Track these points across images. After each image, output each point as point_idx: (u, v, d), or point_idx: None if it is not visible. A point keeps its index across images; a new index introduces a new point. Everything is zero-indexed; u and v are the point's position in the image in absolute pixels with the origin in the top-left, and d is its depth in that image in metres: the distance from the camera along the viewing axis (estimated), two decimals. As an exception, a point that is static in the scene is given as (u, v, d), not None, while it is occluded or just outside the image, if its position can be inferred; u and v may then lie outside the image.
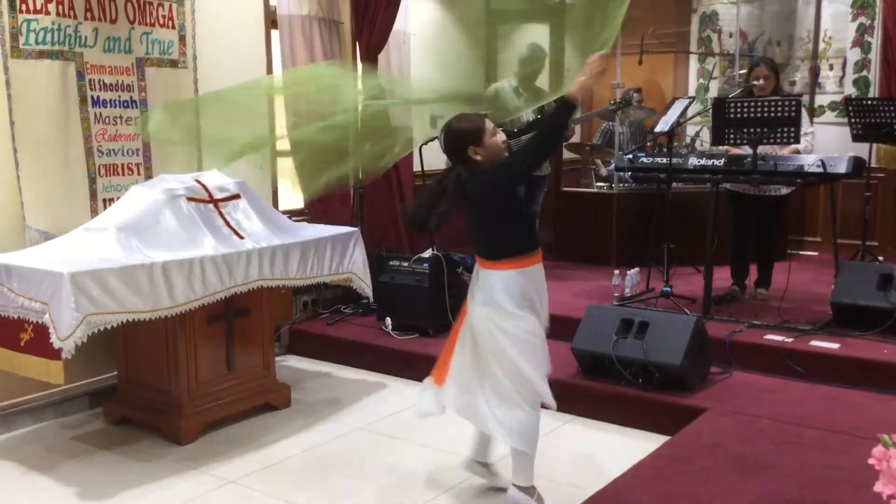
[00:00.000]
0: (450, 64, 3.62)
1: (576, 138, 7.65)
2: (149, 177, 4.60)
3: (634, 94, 7.34)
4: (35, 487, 3.58)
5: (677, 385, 4.10)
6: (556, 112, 3.09)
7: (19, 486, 3.60)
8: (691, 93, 8.05)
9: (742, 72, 6.76)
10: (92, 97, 4.37)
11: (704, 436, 3.63)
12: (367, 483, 3.58)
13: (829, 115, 7.42)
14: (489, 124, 3.08)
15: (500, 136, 3.10)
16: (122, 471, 3.71)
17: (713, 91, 8.00)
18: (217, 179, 4.30)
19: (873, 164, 5.89)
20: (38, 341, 3.46)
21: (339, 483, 3.60)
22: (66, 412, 4.39)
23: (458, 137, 3.07)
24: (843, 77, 7.39)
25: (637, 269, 5.63)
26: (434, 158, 6.67)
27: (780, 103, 4.74)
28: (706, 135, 6.93)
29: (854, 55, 7.31)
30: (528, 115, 6.17)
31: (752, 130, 4.77)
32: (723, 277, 5.46)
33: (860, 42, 7.26)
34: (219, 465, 3.77)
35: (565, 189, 7.36)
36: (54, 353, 3.37)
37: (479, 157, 3.06)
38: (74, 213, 4.25)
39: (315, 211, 5.68)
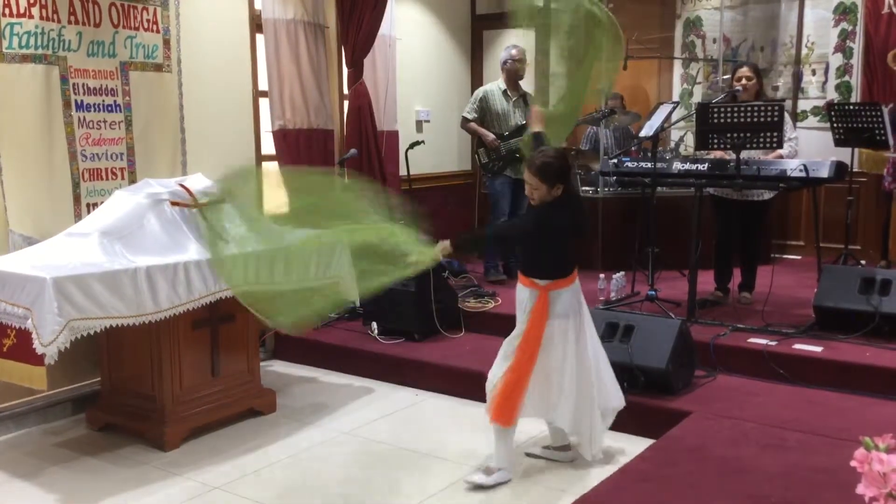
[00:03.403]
0: None
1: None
2: (133, 181, 4.58)
3: (611, 101, 7.38)
4: (17, 494, 3.55)
5: (662, 388, 4.11)
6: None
7: (2, 492, 3.56)
8: (675, 98, 8.09)
9: (726, 77, 6.80)
10: (76, 101, 4.34)
11: (689, 439, 3.65)
12: (353, 488, 3.57)
13: (812, 120, 7.48)
14: (525, 178, 3.46)
15: (528, 190, 3.47)
16: (106, 477, 3.68)
17: (697, 96, 8.04)
18: (201, 184, 4.28)
19: (855, 169, 5.93)
20: (21, 347, 3.43)
21: (325, 488, 3.59)
22: (50, 418, 4.36)
23: None
24: (825, 82, 7.45)
25: (622, 272, 5.65)
26: (420, 163, 6.70)
27: (763, 108, 4.77)
28: (690, 139, 6.97)
29: (836, 60, 7.37)
30: (517, 117, 6.19)
31: (735, 135, 4.80)
32: (707, 281, 5.49)
33: (842, 47, 7.33)
34: (203, 471, 3.75)
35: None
36: (37, 359, 3.34)
37: None
38: (58, 217, 4.22)
39: (300, 215, 5.67)
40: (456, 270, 6.17)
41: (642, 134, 5.55)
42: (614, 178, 6.00)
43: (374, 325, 5.37)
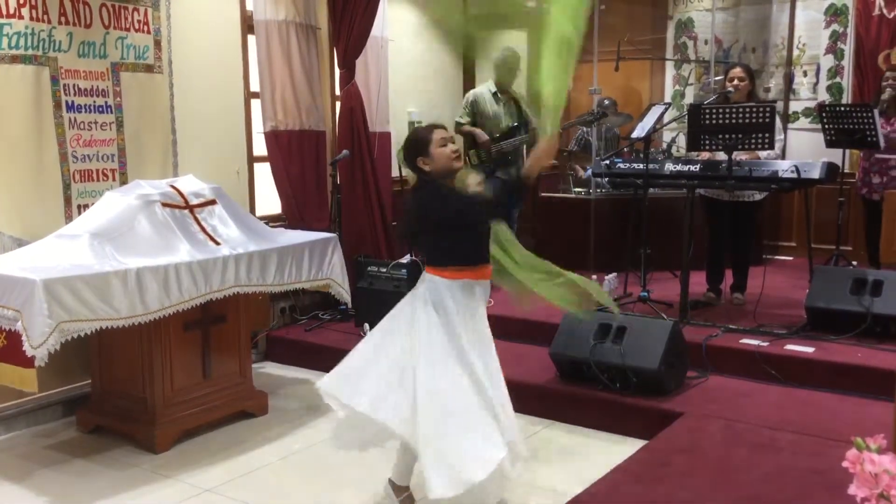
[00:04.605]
0: None
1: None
2: (124, 182, 4.56)
3: (605, 101, 7.40)
4: (8, 496, 3.53)
5: (654, 389, 4.12)
6: (508, 188, 3.25)
7: (-9, 496, 3.55)
8: (667, 99, 8.11)
9: (717, 78, 6.82)
10: (66, 102, 4.32)
11: (681, 440, 3.65)
12: (344, 491, 3.56)
13: (804, 122, 7.51)
14: (439, 135, 3.06)
15: (450, 147, 3.07)
16: (97, 480, 3.67)
17: (689, 97, 8.06)
18: (192, 185, 4.27)
19: (847, 170, 5.95)
20: (11, 349, 3.41)
21: (317, 491, 3.58)
22: (40, 421, 4.33)
23: (408, 149, 3.12)
24: (816, 83, 7.48)
25: (615, 273, 5.65)
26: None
27: (754, 110, 4.78)
28: (682, 141, 6.98)
29: (827, 62, 7.40)
30: (508, 119, 6.19)
31: (727, 136, 4.81)
32: (699, 282, 5.50)
33: (833, 49, 7.35)
34: (195, 473, 3.73)
35: (543, 194, 7.38)
36: (27, 361, 3.33)
37: (427, 168, 3.07)
38: (48, 219, 4.20)
39: (293, 217, 5.66)
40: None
41: (634, 135, 5.56)
42: (606, 179, 6.01)
43: (367, 326, 5.36)
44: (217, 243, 4.11)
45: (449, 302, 3.01)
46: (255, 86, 5.56)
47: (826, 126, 5.85)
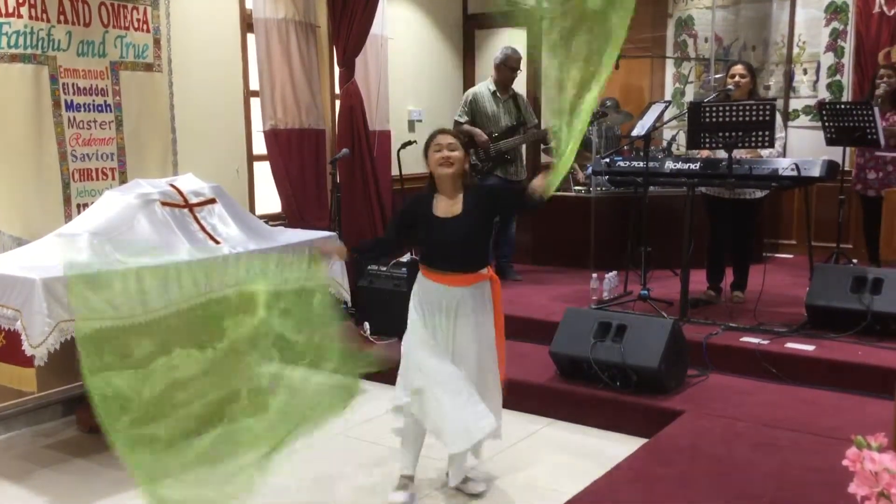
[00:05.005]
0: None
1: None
2: (123, 181, 4.56)
3: (607, 101, 7.38)
4: (7, 497, 3.53)
5: (655, 388, 4.11)
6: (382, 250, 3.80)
7: (-9, 495, 3.55)
8: (667, 97, 8.09)
9: (717, 76, 6.81)
10: (65, 101, 4.32)
11: (682, 438, 3.65)
12: (343, 489, 3.56)
13: (804, 119, 7.50)
14: (436, 140, 3.25)
15: (441, 154, 3.20)
16: (97, 479, 3.66)
17: (689, 95, 8.05)
18: (192, 184, 4.26)
19: (847, 168, 5.94)
20: (10, 348, 3.41)
21: (316, 490, 3.58)
22: (39, 420, 4.33)
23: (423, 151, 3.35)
24: (816, 81, 7.46)
25: (615, 272, 5.65)
26: (413, 164, 6.69)
27: (754, 107, 4.77)
28: (682, 139, 6.97)
29: (827, 59, 7.39)
30: (507, 119, 6.18)
31: (727, 134, 4.80)
32: (699, 280, 5.49)
33: (833, 47, 7.34)
34: (195, 472, 3.73)
35: (543, 193, 7.36)
36: (26, 361, 3.32)
37: (429, 171, 3.31)
38: (48, 218, 4.20)
39: (292, 215, 5.66)
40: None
41: (634, 133, 5.55)
42: (606, 177, 6.00)
43: (367, 325, 5.36)
44: (217, 242, 4.10)
45: (415, 287, 3.46)
46: (254, 84, 5.56)
47: (826, 124, 5.84)
